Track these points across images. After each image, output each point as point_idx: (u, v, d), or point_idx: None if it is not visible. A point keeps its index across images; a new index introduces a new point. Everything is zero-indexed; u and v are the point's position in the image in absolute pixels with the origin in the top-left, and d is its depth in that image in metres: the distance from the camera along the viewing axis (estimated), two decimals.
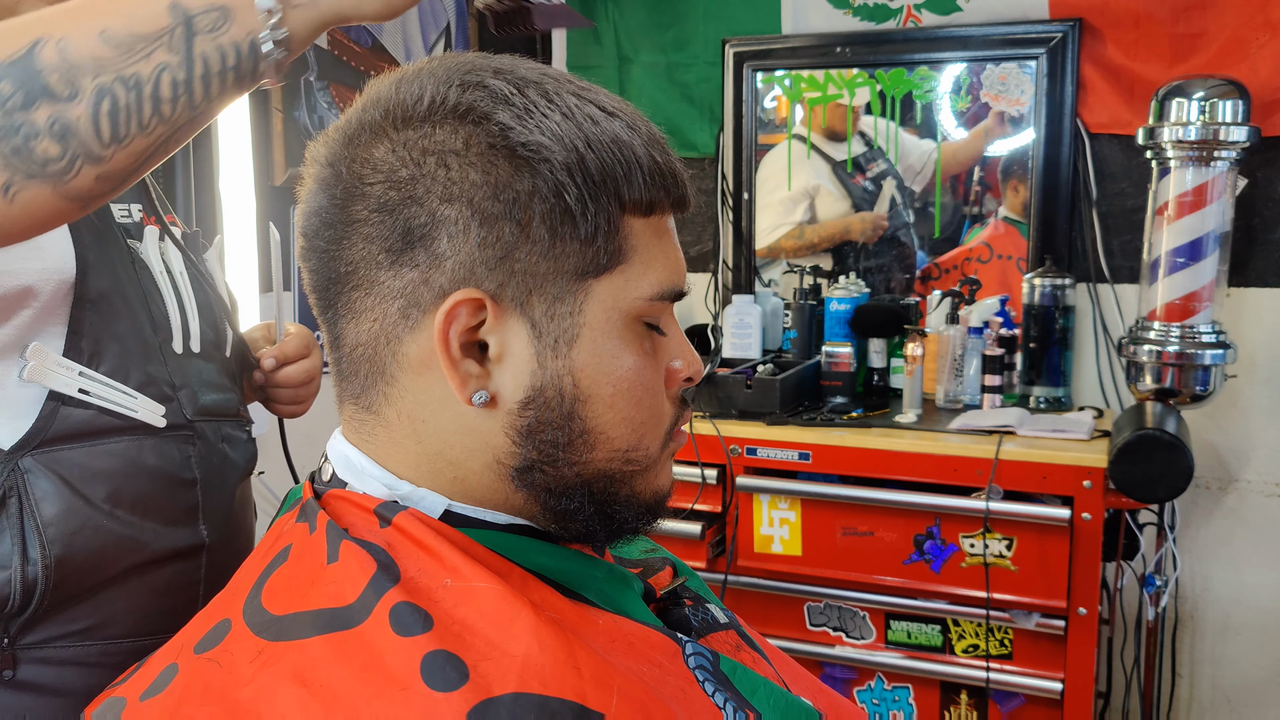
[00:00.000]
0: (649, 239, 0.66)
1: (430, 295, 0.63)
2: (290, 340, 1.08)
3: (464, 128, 0.62)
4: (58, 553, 0.82)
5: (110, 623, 0.86)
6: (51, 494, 0.83)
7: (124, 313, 0.89)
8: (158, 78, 0.66)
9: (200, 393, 0.94)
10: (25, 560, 0.81)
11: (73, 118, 0.65)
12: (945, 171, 2.56)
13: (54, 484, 0.83)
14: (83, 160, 0.66)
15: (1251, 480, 2.35)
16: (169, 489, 0.89)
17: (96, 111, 0.65)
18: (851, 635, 2.16)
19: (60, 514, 0.82)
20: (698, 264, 2.77)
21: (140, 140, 0.67)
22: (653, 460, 0.69)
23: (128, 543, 0.86)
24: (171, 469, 0.89)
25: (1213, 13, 2.24)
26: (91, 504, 0.84)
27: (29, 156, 0.64)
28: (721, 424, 2.18)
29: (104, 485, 0.85)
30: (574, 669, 0.58)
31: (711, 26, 2.69)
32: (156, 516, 0.88)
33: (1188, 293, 2.10)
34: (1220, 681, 2.42)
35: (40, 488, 0.82)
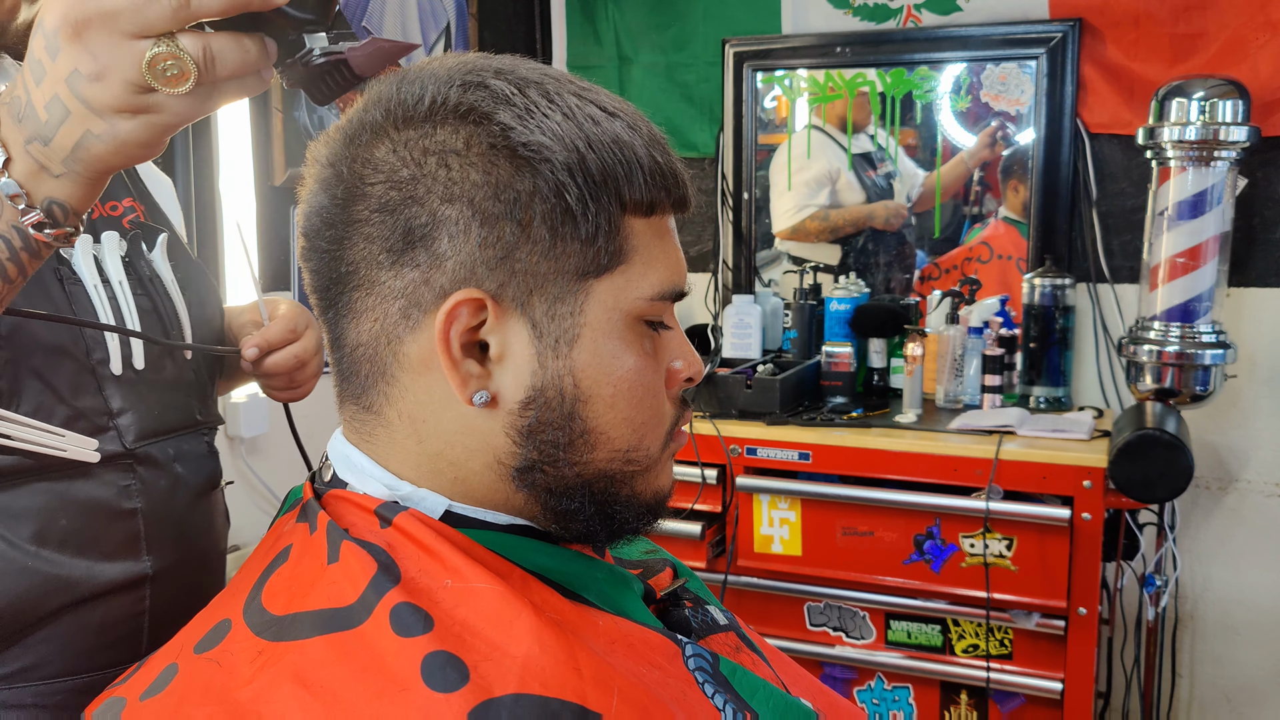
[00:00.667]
0: (650, 239, 0.66)
1: (431, 295, 0.63)
2: (274, 325, 0.98)
3: (465, 128, 0.62)
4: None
5: (43, 664, 0.82)
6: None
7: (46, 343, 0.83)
8: None
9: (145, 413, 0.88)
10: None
11: None
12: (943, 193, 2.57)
13: None
14: None
15: (1251, 480, 2.35)
16: (104, 522, 0.84)
17: None
18: (851, 635, 2.16)
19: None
20: (698, 264, 2.78)
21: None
22: (653, 460, 0.69)
23: (56, 582, 0.82)
24: (108, 500, 0.85)
25: (1213, 13, 2.24)
26: (14, 545, 0.80)
27: None
28: (721, 424, 2.18)
29: (28, 525, 0.81)
30: (574, 670, 0.58)
31: (711, 26, 2.69)
32: (91, 552, 0.83)
33: (1188, 295, 2.10)
34: (1220, 681, 2.42)
35: None
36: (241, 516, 1.12)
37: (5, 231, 0.63)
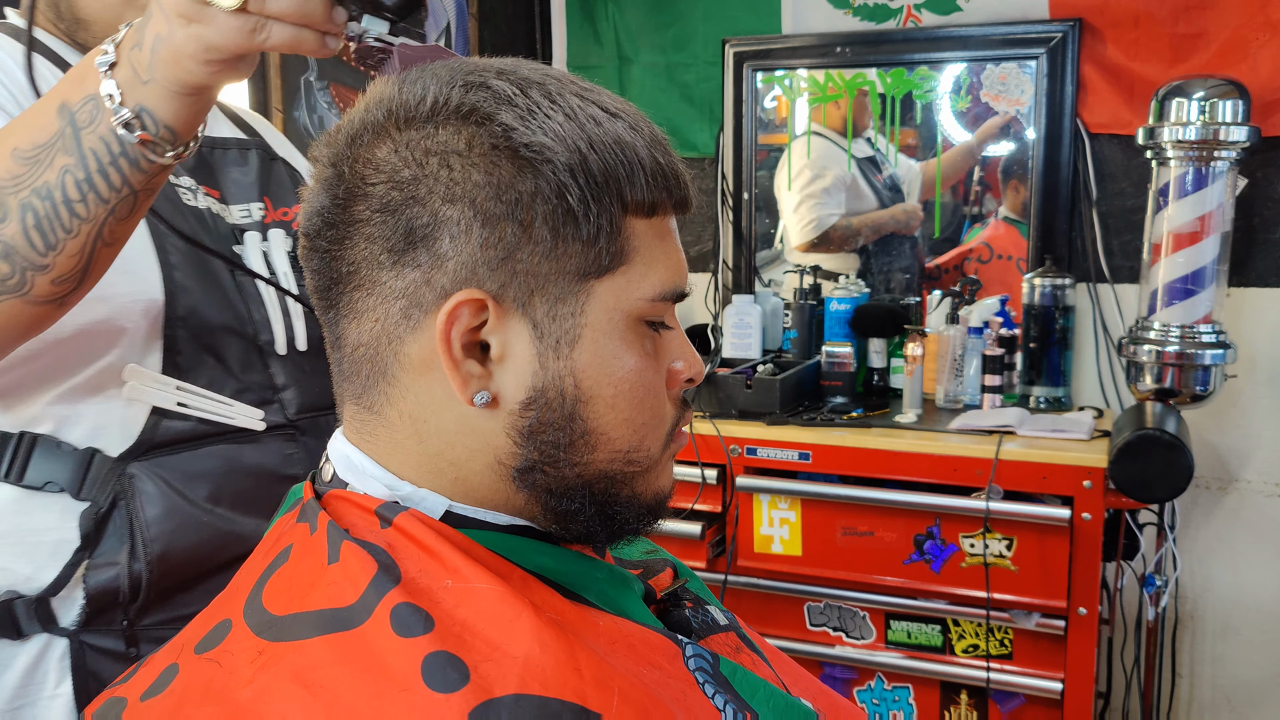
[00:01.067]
0: (651, 240, 0.66)
1: (432, 295, 0.63)
2: None
3: (467, 128, 0.62)
4: (159, 549, 0.91)
5: None
6: (155, 496, 0.91)
7: (219, 325, 0.95)
8: (63, 181, 0.70)
9: (306, 390, 1.00)
10: (132, 557, 0.91)
11: (8, 237, 0.71)
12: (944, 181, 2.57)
13: (157, 486, 0.91)
14: (31, 272, 0.72)
15: (1251, 480, 2.35)
16: (269, 485, 0.95)
17: (25, 227, 0.71)
18: (851, 635, 2.16)
19: (162, 514, 0.91)
20: (698, 264, 2.78)
21: (71, 242, 0.72)
22: (654, 461, 0.69)
23: (228, 537, 0.93)
24: (273, 466, 0.97)
25: (1213, 13, 2.24)
26: (192, 503, 0.92)
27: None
28: (721, 424, 2.18)
29: (205, 485, 0.93)
30: (575, 670, 0.58)
31: (711, 26, 2.69)
32: (258, 511, 0.95)
33: (1188, 296, 2.10)
34: (1220, 681, 2.42)
35: (145, 491, 0.91)
36: None
37: (106, 134, 0.70)
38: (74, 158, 0.70)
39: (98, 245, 0.73)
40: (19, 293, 0.73)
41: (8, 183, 0.70)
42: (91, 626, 0.91)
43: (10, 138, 0.72)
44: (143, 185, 0.73)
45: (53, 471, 0.90)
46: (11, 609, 0.90)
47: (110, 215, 0.72)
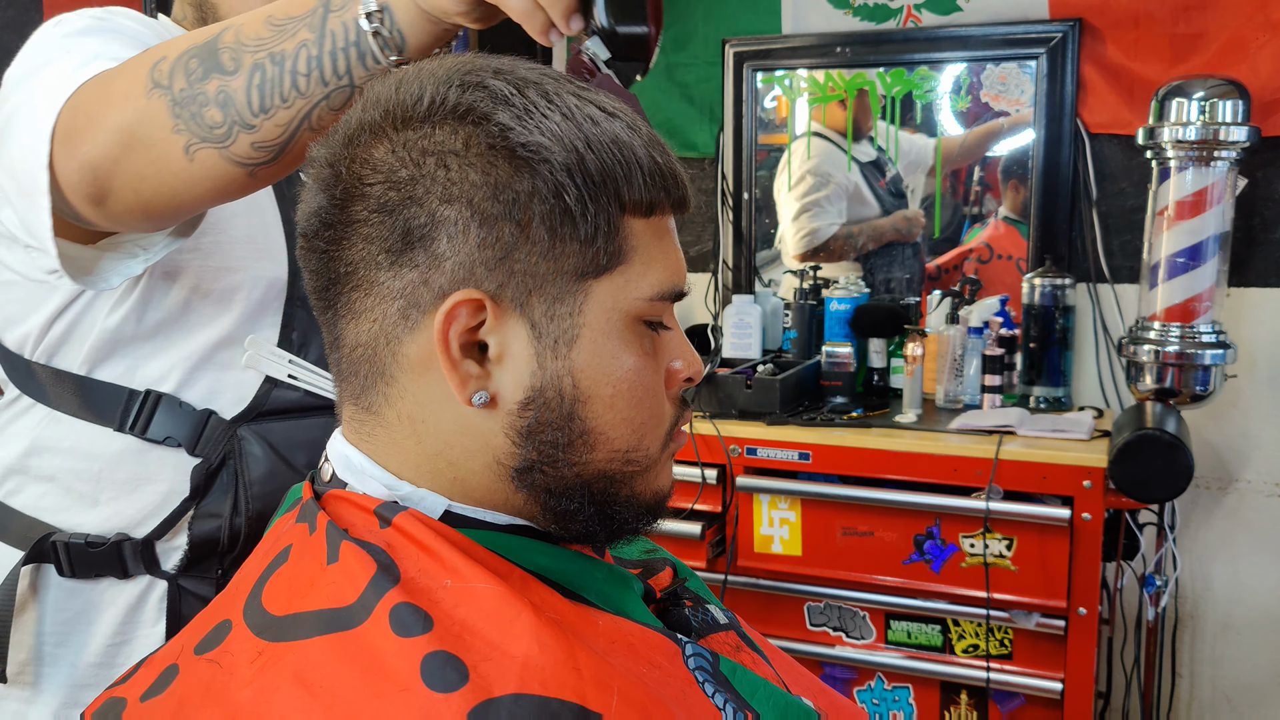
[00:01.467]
0: (649, 240, 0.66)
1: (430, 296, 0.63)
2: None
3: (464, 128, 0.62)
4: (259, 507, 1.00)
5: None
6: (260, 458, 1.00)
7: None
8: (297, 54, 0.75)
9: None
10: (234, 512, 1.00)
11: (233, 89, 0.75)
12: (945, 164, 2.56)
13: (263, 450, 1.00)
14: (238, 128, 0.76)
15: (1251, 480, 2.35)
16: None
17: (249, 84, 0.75)
18: (851, 635, 2.16)
19: (265, 475, 1.00)
20: (698, 264, 2.77)
21: (282, 112, 0.76)
22: (653, 461, 0.69)
23: None
24: None
25: (1213, 13, 2.24)
26: (292, 468, 1.01)
27: (201, 121, 0.75)
28: (721, 424, 2.18)
29: (304, 453, 1.01)
30: (574, 670, 0.58)
31: (711, 26, 2.68)
32: None
33: (1188, 295, 2.10)
34: (1220, 681, 2.42)
35: (252, 454, 1.00)
36: None
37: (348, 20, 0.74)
38: (314, 34, 0.74)
39: (304, 126, 0.77)
40: (221, 144, 0.76)
41: (251, 42, 0.75)
42: (190, 572, 1.01)
43: (272, 7, 0.77)
44: (362, 80, 0.76)
45: (172, 427, 0.99)
46: (120, 550, 0.99)
47: (325, 100, 0.76)
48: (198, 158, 0.77)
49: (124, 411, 0.98)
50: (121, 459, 0.99)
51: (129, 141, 0.76)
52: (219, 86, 0.75)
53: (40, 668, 1.01)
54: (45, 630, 1.01)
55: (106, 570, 1.00)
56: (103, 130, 0.77)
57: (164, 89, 0.76)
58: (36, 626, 1.01)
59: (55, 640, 1.01)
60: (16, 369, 1.02)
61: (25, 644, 1.01)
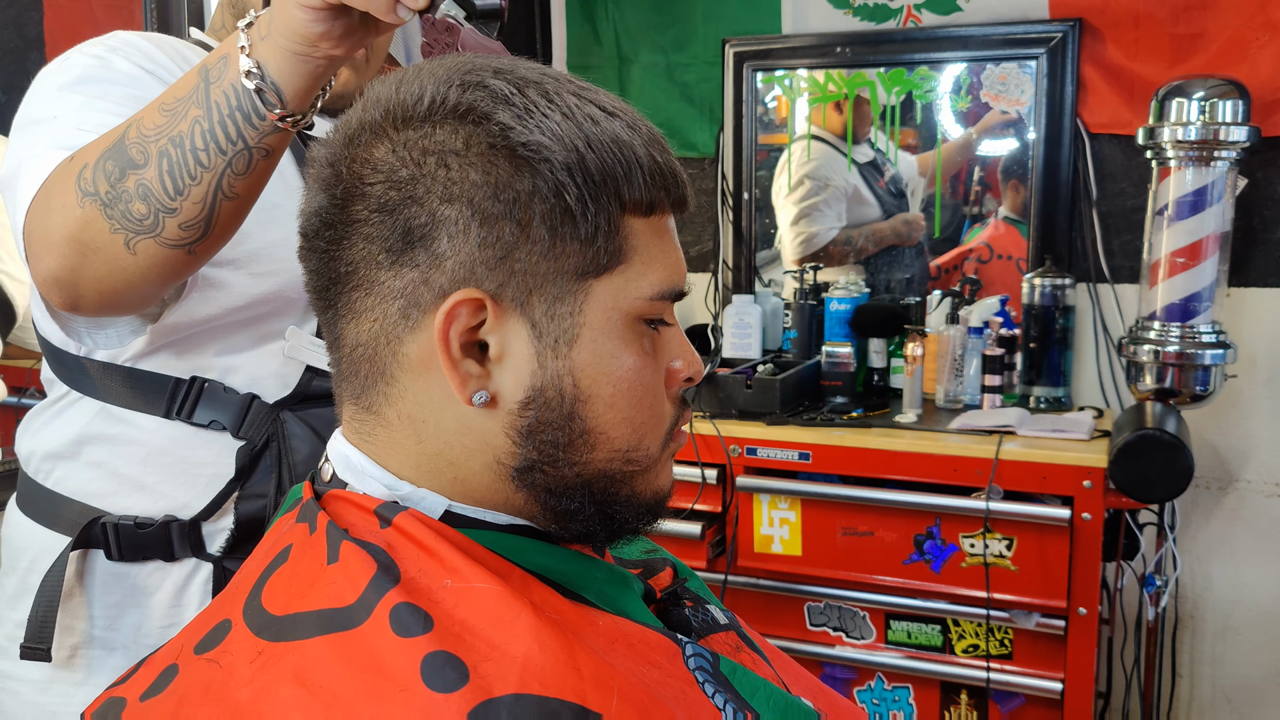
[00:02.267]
0: (649, 239, 0.66)
1: (430, 295, 0.63)
2: None
3: (464, 128, 0.62)
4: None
5: None
6: (303, 439, 1.04)
7: None
8: (192, 131, 0.79)
9: None
10: (279, 491, 1.03)
11: (148, 180, 0.80)
12: (945, 171, 2.57)
13: (305, 431, 1.04)
14: (163, 214, 0.80)
15: (1251, 480, 2.35)
16: None
17: (160, 171, 0.79)
18: (851, 635, 2.16)
19: (309, 456, 1.03)
20: (698, 264, 2.77)
21: (195, 189, 0.80)
22: (653, 460, 0.69)
23: None
24: None
25: (1213, 13, 2.24)
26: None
27: (130, 216, 0.80)
28: (721, 424, 2.18)
29: None
30: (574, 670, 0.58)
31: (711, 26, 2.68)
32: None
33: (1188, 295, 2.10)
34: (1220, 681, 2.42)
35: (295, 435, 1.04)
36: None
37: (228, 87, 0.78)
38: (203, 109, 0.79)
39: (219, 197, 0.81)
40: (153, 233, 0.81)
41: (152, 132, 0.80)
42: (234, 553, 1.04)
43: (163, 95, 0.81)
44: (255, 142, 0.80)
45: (217, 412, 1.03)
46: (169, 531, 1.03)
47: (228, 168, 0.80)
48: (139, 249, 0.82)
49: (170, 399, 1.02)
50: (168, 444, 1.03)
51: (80, 250, 0.82)
52: (136, 181, 0.80)
53: (88, 651, 1.05)
54: (94, 614, 1.04)
55: (154, 553, 1.03)
56: (54, 245, 0.83)
57: (92, 195, 0.81)
58: (86, 610, 1.04)
59: (105, 624, 1.05)
60: (66, 365, 1.06)
61: (76, 628, 1.04)
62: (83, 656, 1.05)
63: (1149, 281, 2.15)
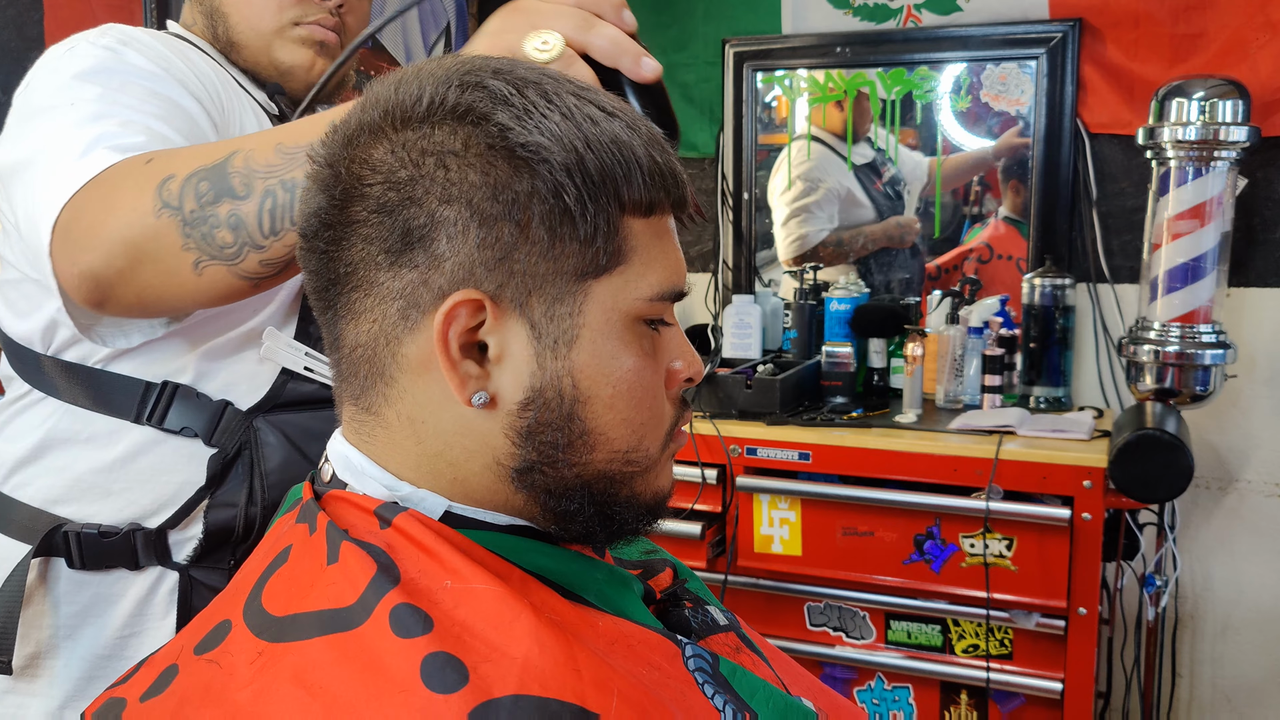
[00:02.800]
0: (649, 240, 0.66)
1: (429, 296, 0.63)
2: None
3: (463, 128, 0.62)
4: (274, 497, 1.01)
5: None
6: (276, 447, 1.02)
7: None
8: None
9: None
10: (249, 502, 1.01)
11: (244, 213, 0.79)
12: (945, 184, 2.57)
13: (279, 440, 1.02)
14: (249, 248, 0.80)
15: (1251, 480, 2.35)
16: None
17: (260, 209, 0.79)
18: (851, 635, 2.16)
19: (281, 464, 1.01)
20: (698, 264, 2.77)
21: (291, 234, 0.79)
22: (653, 461, 0.69)
23: None
24: None
25: (1213, 13, 2.24)
26: (307, 459, 1.02)
27: (212, 241, 0.80)
28: (721, 424, 2.18)
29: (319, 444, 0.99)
30: (574, 671, 0.58)
31: (711, 26, 2.68)
32: None
33: (1188, 295, 2.09)
34: (1220, 681, 2.42)
35: (268, 443, 1.02)
36: None
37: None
38: None
39: None
40: (230, 262, 0.81)
41: (262, 168, 0.79)
42: (202, 563, 1.02)
43: (279, 134, 0.81)
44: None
45: (189, 418, 1.00)
46: (133, 539, 1.00)
47: None
48: (206, 273, 0.81)
49: (140, 404, 1.00)
50: (137, 450, 1.00)
51: (137, 256, 0.80)
52: (230, 210, 0.79)
53: (46, 661, 1.02)
54: (55, 623, 1.02)
55: (117, 561, 1.01)
56: (106, 242, 0.80)
57: (173, 210, 0.80)
58: (46, 619, 1.01)
59: (65, 633, 1.02)
60: (25, 363, 1.03)
61: (33, 638, 1.01)
62: (39, 666, 1.02)
63: (1149, 281, 2.15)
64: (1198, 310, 2.10)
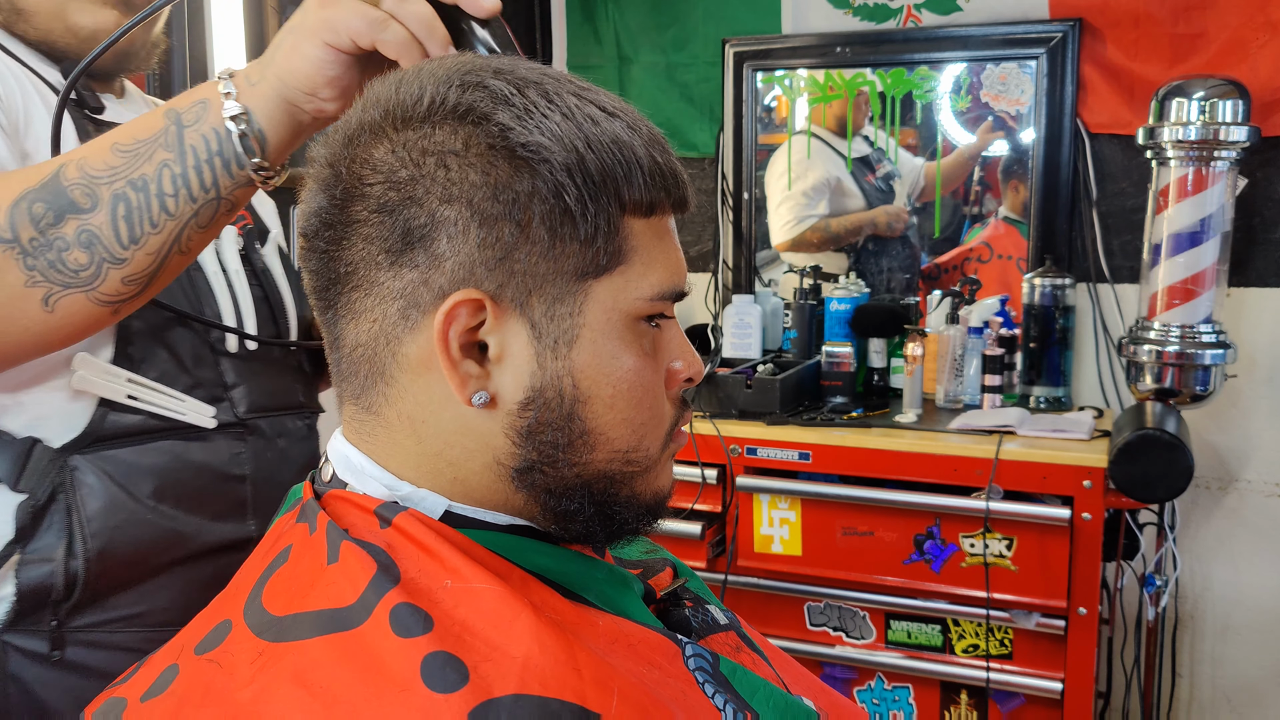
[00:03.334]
0: (649, 240, 0.66)
1: (430, 296, 0.63)
2: None
3: (463, 128, 0.62)
4: (99, 546, 0.87)
5: (154, 611, 0.90)
6: (97, 490, 0.88)
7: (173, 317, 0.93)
8: (159, 174, 0.72)
9: (255, 390, 0.98)
10: (69, 554, 0.87)
11: (95, 225, 0.71)
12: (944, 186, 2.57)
13: (100, 480, 0.88)
14: (109, 265, 0.72)
15: (1251, 480, 2.35)
16: (217, 484, 0.93)
17: (114, 216, 0.71)
18: (851, 635, 2.16)
19: (104, 509, 0.88)
20: (698, 264, 2.77)
21: (154, 238, 0.73)
22: (653, 461, 0.69)
23: (171, 536, 0.90)
24: (220, 465, 0.94)
25: (1213, 13, 2.24)
26: (136, 499, 0.89)
27: (62, 268, 0.72)
28: (721, 424, 2.18)
29: (150, 481, 0.89)
30: (574, 670, 0.58)
31: (711, 26, 2.69)
32: (203, 511, 0.92)
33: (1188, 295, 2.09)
34: (1220, 681, 2.42)
35: (86, 484, 0.87)
36: None
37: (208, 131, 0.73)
38: (174, 153, 0.72)
39: (174, 249, 0.75)
40: (88, 286, 0.73)
41: (103, 173, 0.72)
42: (17, 626, 0.87)
43: (112, 135, 0.74)
44: (228, 192, 0.75)
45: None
46: None
47: (194, 218, 0.74)
48: (60, 306, 0.73)
49: None
50: None
51: None
52: (79, 226, 0.71)
53: None
54: None
55: None
56: None
57: (8, 242, 0.71)
58: None
59: None
60: None
61: None
62: None
63: (1149, 281, 2.15)
64: (1198, 310, 2.10)
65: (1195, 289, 2.09)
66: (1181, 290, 2.10)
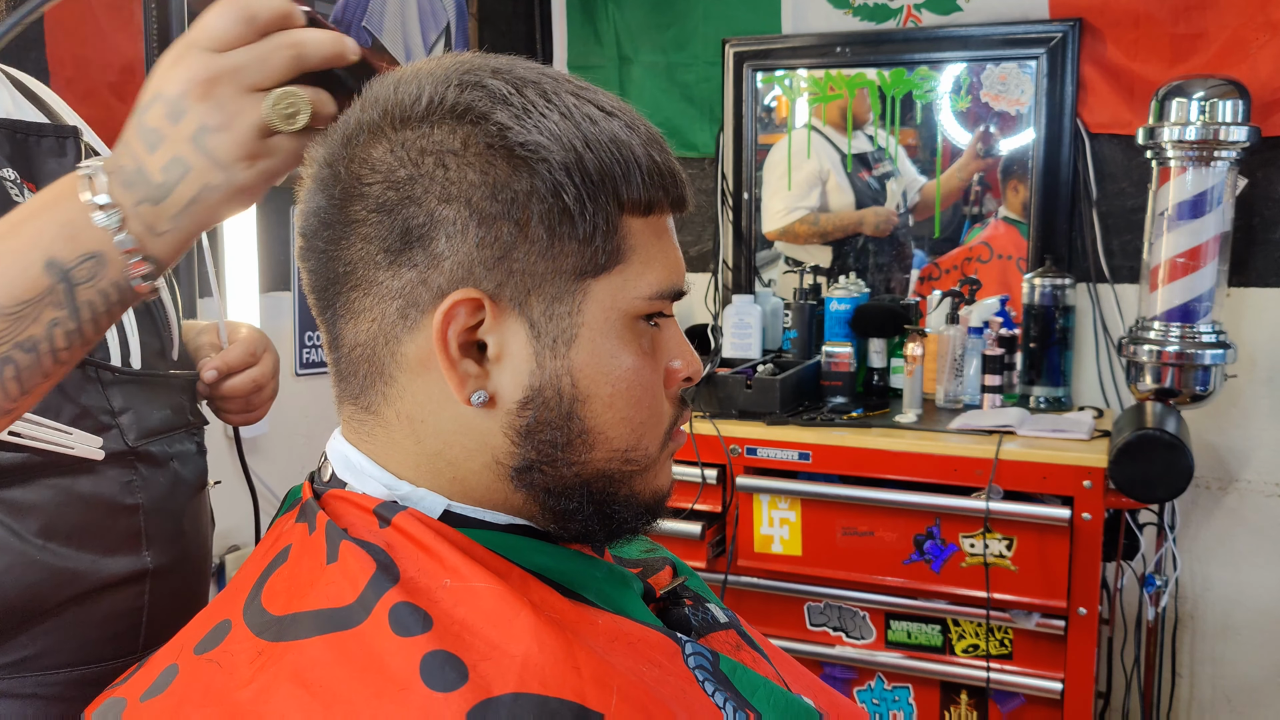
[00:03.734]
0: (648, 239, 0.66)
1: (429, 295, 0.63)
2: (234, 349, 0.99)
3: (462, 127, 0.62)
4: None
5: (47, 653, 0.84)
6: None
7: None
8: (51, 334, 0.67)
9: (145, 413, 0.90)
10: None
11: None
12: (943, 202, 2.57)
13: None
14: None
15: (1251, 480, 2.35)
16: (108, 517, 0.86)
17: (2, 379, 0.67)
18: (851, 635, 2.16)
19: None
20: (698, 264, 2.77)
21: (44, 385, 0.69)
22: (652, 460, 0.69)
23: (62, 575, 0.84)
24: (111, 496, 0.87)
25: (1213, 13, 2.24)
26: (23, 539, 0.82)
27: None
28: (721, 424, 2.18)
29: (36, 519, 0.82)
30: (574, 669, 0.58)
31: (711, 26, 2.69)
32: (95, 546, 0.85)
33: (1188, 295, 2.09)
34: (1220, 681, 2.42)
35: None
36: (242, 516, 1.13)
37: (107, 287, 0.67)
38: (65, 311, 0.67)
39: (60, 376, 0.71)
40: None
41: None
42: None
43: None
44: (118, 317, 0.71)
45: None
46: None
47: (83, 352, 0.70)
48: None
49: None
50: None
51: None
52: None
53: None
54: None
55: None
56: None
57: None
58: None
59: None
60: None
61: None
62: None
63: (1149, 281, 2.15)
64: (1198, 310, 2.10)
65: (1195, 289, 2.09)
66: (1181, 290, 2.10)
